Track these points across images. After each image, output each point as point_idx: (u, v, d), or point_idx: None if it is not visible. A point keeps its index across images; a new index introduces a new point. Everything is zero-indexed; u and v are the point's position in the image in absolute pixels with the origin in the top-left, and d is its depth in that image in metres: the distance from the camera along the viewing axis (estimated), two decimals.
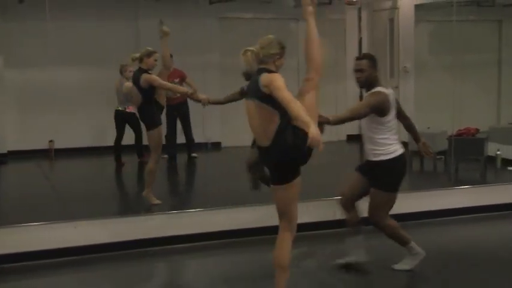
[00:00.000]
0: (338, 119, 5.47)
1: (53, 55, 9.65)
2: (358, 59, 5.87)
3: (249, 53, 4.66)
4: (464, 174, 9.43)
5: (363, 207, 5.77)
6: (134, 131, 10.00)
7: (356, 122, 6.05)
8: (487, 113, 11.15)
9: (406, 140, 10.22)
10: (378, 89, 5.66)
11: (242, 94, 6.46)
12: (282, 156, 4.60)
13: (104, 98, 10.79)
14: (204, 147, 10.99)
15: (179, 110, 10.17)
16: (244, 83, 6.20)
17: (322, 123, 5.14)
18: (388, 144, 5.62)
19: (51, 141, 9.95)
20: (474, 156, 9.50)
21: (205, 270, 6.34)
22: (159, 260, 6.49)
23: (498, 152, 9.81)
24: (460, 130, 9.46)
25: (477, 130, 9.67)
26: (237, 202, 7.27)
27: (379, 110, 5.52)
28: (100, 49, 10.31)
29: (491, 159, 9.72)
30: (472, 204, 8.06)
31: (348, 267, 5.79)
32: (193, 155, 10.58)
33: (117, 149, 10.06)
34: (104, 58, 10.35)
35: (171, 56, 8.97)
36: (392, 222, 5.73)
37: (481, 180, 9.35)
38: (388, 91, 5.68)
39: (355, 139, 11.17)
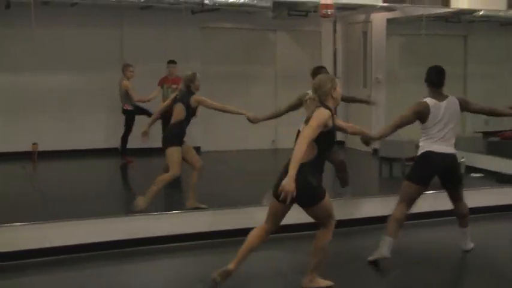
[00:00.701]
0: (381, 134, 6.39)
1: (38, 60, 9.64)
2: None
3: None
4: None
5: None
6: (125, 127, 10.05)
7: None
8: None
9: (376, 147, 10.42)
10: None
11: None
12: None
13: (86, 102, 10.82)
14: None
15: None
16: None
17: (367, 141, 6.10)
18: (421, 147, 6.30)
19: (34, 143, 9.88)
20: None
21: (183, 271, 6.40)
22: (139, 260, 6.51)
23: (462, 159, 9.94)
24: None
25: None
26: (219, 204, 7.33)
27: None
28: (85, 55, 10.34)
29: None
30: (437, 208, 8.18)
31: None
32: None
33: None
34: (89, 64, 10.39)
35: (175, 62, 9.03)
36: (400, 214, 6.14)
37: None
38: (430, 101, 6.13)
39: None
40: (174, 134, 7.35)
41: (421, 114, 6.12)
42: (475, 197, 8.55)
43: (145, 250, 6.70)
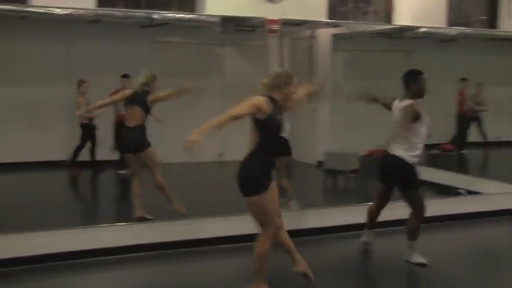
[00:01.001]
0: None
1: None
2: None
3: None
4: (373, 191, 9.69)
5: None
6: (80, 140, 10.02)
7: None
8: None
9: (321, 159, 10.50)
10: None
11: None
12: None
13: (35, 115, 10.67)
14: None
15: None
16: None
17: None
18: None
19: None
20: None
21: (129, 282, 6.37)
22: (84, 272, 6.47)
23: None
24: (370, 151, 9.74)
25: (385, 151, 9.92)
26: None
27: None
28: (35, 68, 10.21)
29: None
30: (380, 219, 8.26)
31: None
32: None
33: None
34: (37, 77, 10.25)
35: (129, 77, 8.95)
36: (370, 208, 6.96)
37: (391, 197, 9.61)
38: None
39: None
40: (145, 135, 7.36)
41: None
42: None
43: (90, 262, 6.66)
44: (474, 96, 12.15)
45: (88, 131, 10.07)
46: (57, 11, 7.64)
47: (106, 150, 10.23)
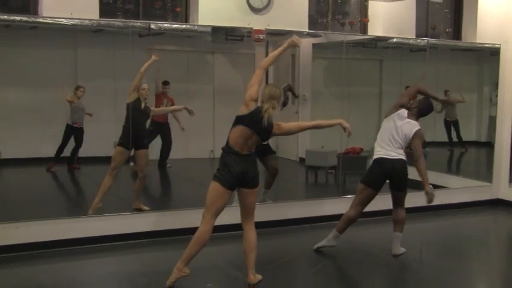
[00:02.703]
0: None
1: (3, 78, 9.54)
2: None
3: None
4: (350, 186, 9.84)
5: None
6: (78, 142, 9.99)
7: None
8: (369, 136, 11.53)
9: (303, 156, 10.62)
10: None
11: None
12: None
13: (43, 116, 10.68)
14: None
15: None
16: None
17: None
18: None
19: None
20: (358, 171, 9.90)
21: (126, 266, 6.47)
22: (85, 257, 6.67)
23: None
24: (347, 149, 9.86)
25: (361, 149, 10.10)
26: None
27: None
28: (43, 73, 10.24)
29: None
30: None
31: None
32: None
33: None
34: (46, 81, 10.28)
35: (169, 83, 9.06)
36: (353, 214, 6.69)
37: None
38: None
39: None
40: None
41: None
42: (389, 201, 8.85)
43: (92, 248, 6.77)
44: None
45: (78, 134, 10.06)
46: (65, 21, 7.73)
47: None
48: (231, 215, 6.26)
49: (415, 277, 6.39)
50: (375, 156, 6.75)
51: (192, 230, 5.62)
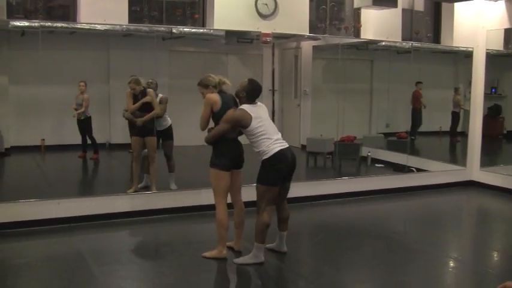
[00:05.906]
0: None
1: (44, 76, 9.56)
2: None
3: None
4: (345, 169, 9.85)
5: None
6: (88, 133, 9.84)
7: None
8: (362, 126, 11.56)
9: (304, 143, 10.62)
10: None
11: None
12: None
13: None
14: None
15: None
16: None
17: None
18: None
19: (42, 139, 9.83)
20: (352, 157, 9.93)
21: (153, 237, 6.48)
22: (115, 229, 6.70)
23: (369, 153, 10.29)
24: (342, 137, 9.84)
25: (355, 137, 10.10)
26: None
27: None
28: (78, 73, 10.23)
29: (364, 159, 10.17)
30: (350, 190, 8.46)
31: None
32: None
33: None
34: (84, 79, 10.25)
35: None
36: (266, 219, 5.16)
37: (357, 173, 9.80)
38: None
39: None
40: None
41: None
42: (378, 182, 8.86)
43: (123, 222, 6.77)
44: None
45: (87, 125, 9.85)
46: (99, 26, 7.75)
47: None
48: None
49: (399, 245, 6.38)
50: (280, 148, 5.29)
51: (210, 207, 5.64)
